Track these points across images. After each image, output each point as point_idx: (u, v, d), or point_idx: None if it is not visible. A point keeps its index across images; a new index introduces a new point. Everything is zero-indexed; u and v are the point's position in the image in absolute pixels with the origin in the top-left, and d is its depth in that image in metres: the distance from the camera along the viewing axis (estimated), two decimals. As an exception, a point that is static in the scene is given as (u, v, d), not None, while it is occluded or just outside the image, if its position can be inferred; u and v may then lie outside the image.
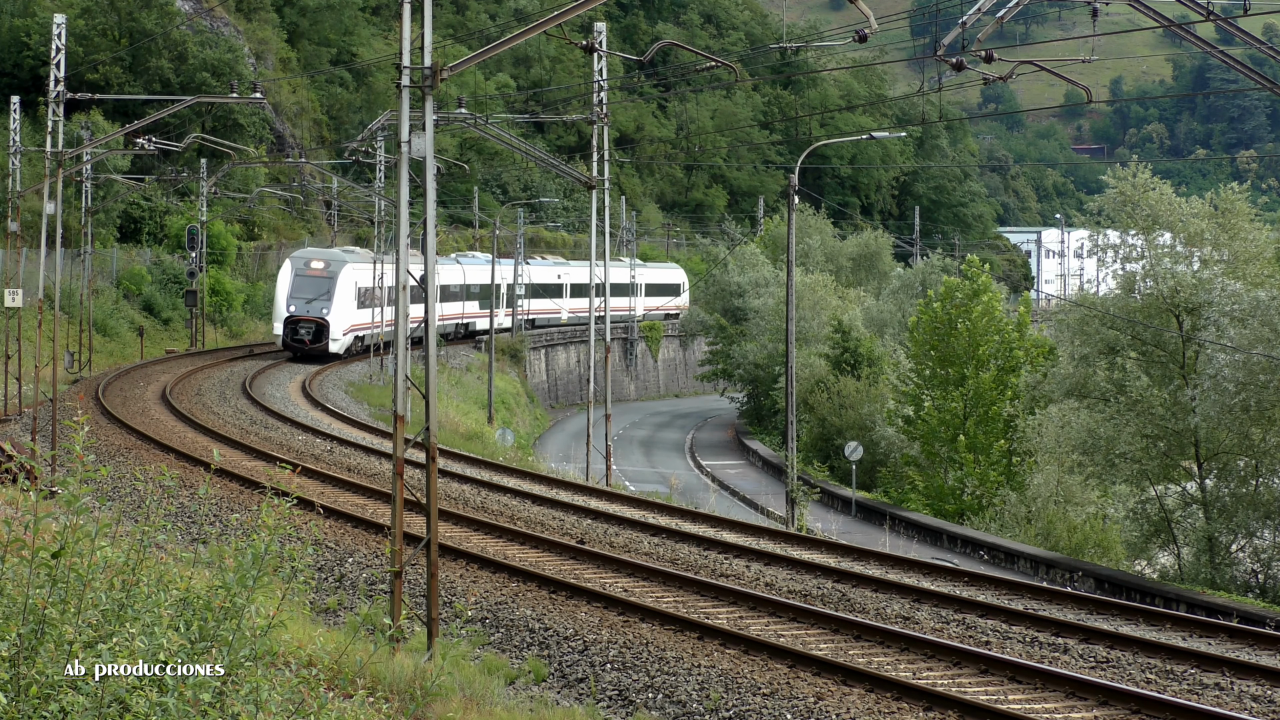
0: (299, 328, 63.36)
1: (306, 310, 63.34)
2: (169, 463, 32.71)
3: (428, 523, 17.87)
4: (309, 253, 66.91)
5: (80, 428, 9.17)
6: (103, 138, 58.58)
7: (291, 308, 63.26)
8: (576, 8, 18.82)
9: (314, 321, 63.51)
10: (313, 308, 63.43)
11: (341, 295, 64.00)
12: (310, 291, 63.56)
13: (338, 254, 66.57)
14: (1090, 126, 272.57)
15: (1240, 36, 25.71)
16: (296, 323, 63.46)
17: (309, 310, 63.42)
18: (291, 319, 63.46)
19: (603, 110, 39.81)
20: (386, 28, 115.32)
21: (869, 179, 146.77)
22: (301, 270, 63.78)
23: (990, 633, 19.30)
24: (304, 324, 63.36)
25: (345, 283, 64.30)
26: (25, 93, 63.54)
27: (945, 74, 31.78)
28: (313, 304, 63.52)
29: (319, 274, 63.78)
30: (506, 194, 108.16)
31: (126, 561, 9.22)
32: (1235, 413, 36.61)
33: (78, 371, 59.79)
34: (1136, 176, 42.79)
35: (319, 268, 63.95)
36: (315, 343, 63.67)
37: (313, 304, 63.52)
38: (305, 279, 63.67)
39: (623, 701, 16.47)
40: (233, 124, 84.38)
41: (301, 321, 63.37)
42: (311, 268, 63.88)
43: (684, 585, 21.81)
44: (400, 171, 18.25)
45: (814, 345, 72.17)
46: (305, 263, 64.38)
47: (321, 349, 63.73)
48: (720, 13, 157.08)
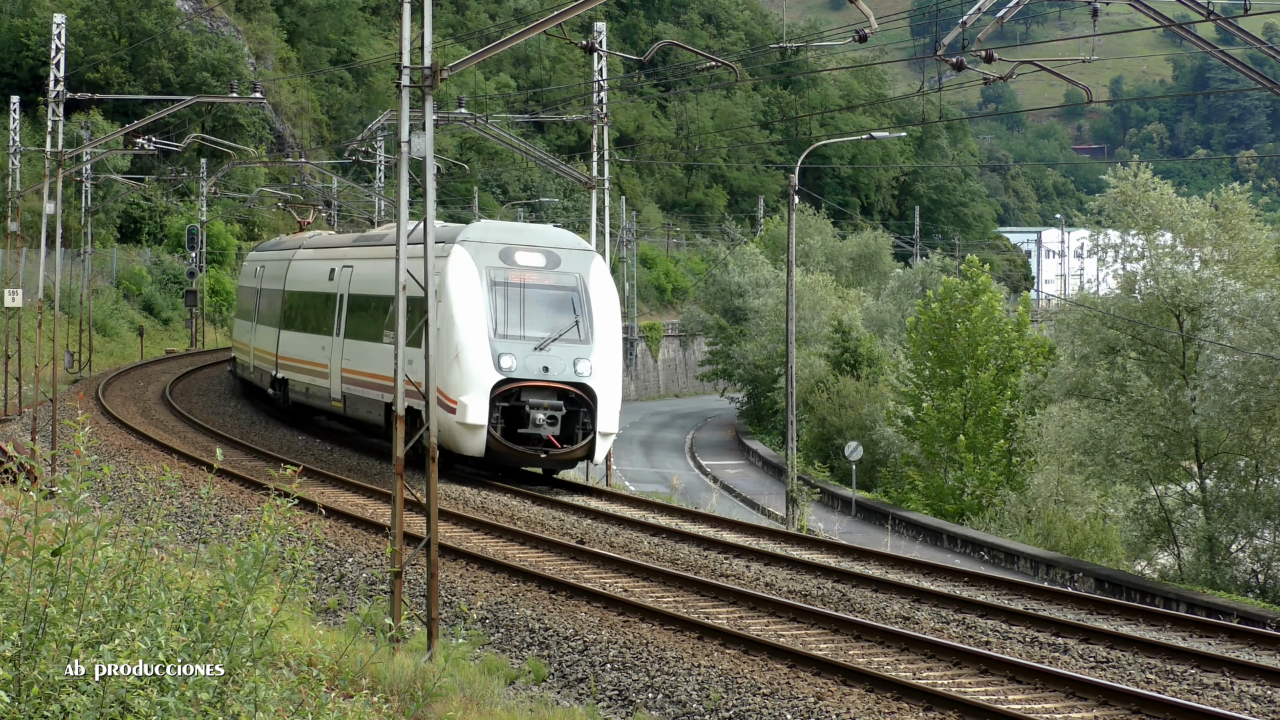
0: (530, 409, 30.56)
1: (545, 368, 30.80)
2: (169, 463, 32.72)
3: (428, 523, 17.88)
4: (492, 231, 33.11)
5: (81, 427, 9.17)
6: (103, 138, 58.58)
7: (505, 361, 30.62)
8: (576, 8, 18.82)
9: (569, 393, 30.86)
10: (560, 363, 30.92)
11: (604, 329, 31.71)
12: (542, 321, 31.44)
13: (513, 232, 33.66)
14: (1090, 126, 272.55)
15: (1240, 36, 25.70)
16: (523, 396, 30.72)
17: (553, 368, 30.86)
18: (511, 390, 30.68)
19: (603, 110, 39.81)
20: (386, 28, 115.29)
21: (869, 179, 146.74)
22: (504, 276, 31.52)
23: (990, 633, 19.30)
24: (543, 399, 30.78)
25: (601, 298, 32.02)
26: (25, 93, 63.53)
27: (945, 74, 31.80)
28: (556, 354, 30.98)
29: (548, 283, 31.81)
30: (506, 194, 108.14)
31: (127, 561, 9.23)
32: (1235, 413, 36.62)
33: (78, 371, 59.78)
34: (1137, 176, 42.80)
35: (538, 265, 31.77)
36: (570, 440, 30.90)
37: (556, 354, 30.98)
38: (519, 292, 31.50)
39: (623, 701, 16.48)
40: (233, 124, 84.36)
41: (535, 391, 30.72)
42: (520, 263, 31.68)
43: (684, 585, 21.82)
44: (400, 171, 18.26)
45: (814, 345, 72.16)
46: (506, 253, 31.75)
47: (581, 453, 31.09)
48: (720, 13, 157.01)
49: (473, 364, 30.52)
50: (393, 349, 34.59)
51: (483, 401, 30.31)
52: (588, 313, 31.50)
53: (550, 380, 30.70)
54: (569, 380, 30.75)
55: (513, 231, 33.24)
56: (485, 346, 30.65)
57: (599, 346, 31.22)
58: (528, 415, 30.47)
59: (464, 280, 31.14)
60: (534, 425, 30.44)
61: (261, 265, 48.33)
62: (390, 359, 31.68)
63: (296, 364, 40.90)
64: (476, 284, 31.15)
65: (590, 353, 31.07)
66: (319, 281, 39.71)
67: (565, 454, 30.77)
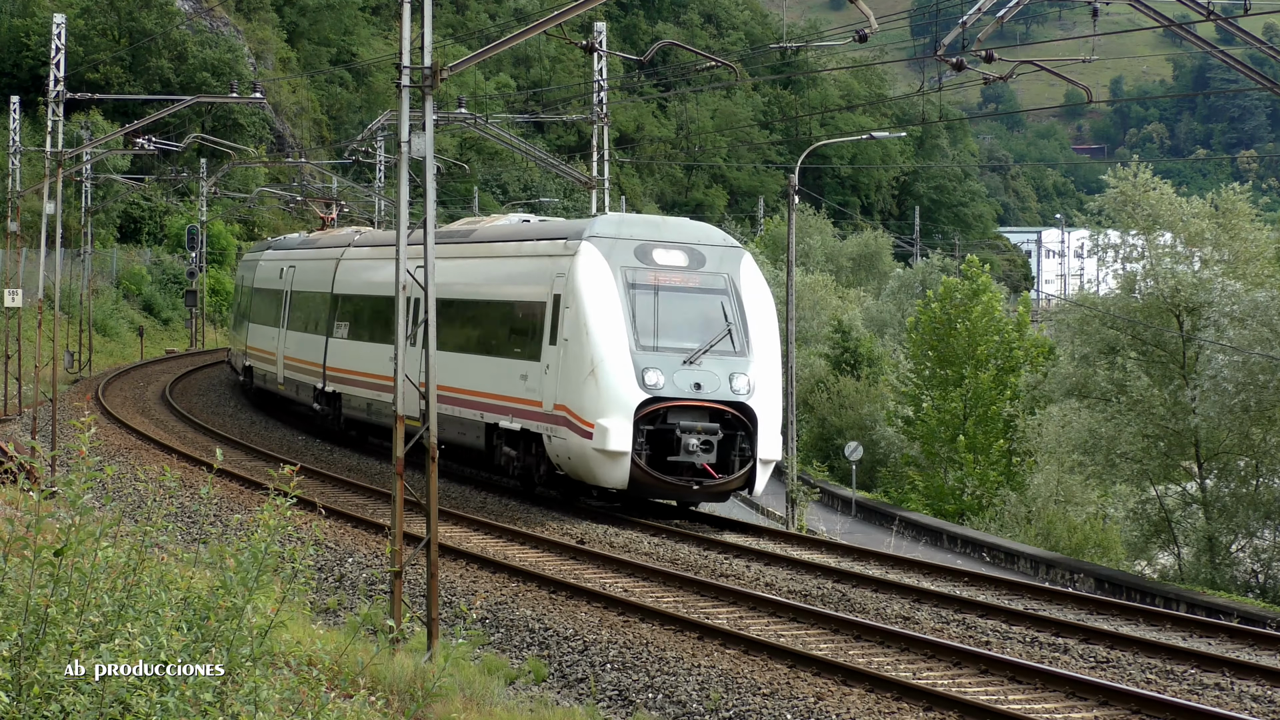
0: (681, 433, 26.08)
1: (697, 385, 26.35)
2: (169, 463, 32.73)
3: (428, 523, 17.89)
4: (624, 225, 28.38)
5: (87, 428, 9.18)
6: (103, 138, 58.60)
7: (651, 377, 26.17)
8: (576, 8, 18.82)
9: (724, 414, 26.42)
10: (713, 379, 26.48)
11: (761, 338, 27.31)
12: (689, 330, 26.96)
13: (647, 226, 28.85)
14: (1090, 126, 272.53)
15: (1240, 36, 25.71)
16: (670, 418, 26.26)
17: (705, 385, 26.41)
18: (657, 411, 26.20)
19: (603, 110, 39.82)
20: (386, 28, 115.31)
21: (869, 179, 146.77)
22: (642, 277, 27.02)
23: (990, 633, 19.30)
24: (696, 421, 26.30)
25: (755, 302, 27.74)
26: (25, 93, 63.52)
27: (945, 74, 31.80)
28: (709, 369, 26.55)
29: (693, 285, 27.31)
30: (506, 194, 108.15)
31: (127, 561, 9.23)
32: (1235, 413, 36.64)
33: (78, 371, 59.79)
34: (1137, 176, 42.81)
35: (680, 265, 27.36)
36: (725, 468, 26.37)
37: (709, 369, 26.55)
38: (661, 296, 26.99)
39: (623, 701, 16.48)
40: (233, 124, 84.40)
41: (686, 412, 26.28)
42: (660, 262, 27.24)
43: (684, 585, 21.82)
44: (400, 171, 18.26)
45: (814, 345, 72.15)
46: (642, 251, 27.26)
47: (739, 483, 26.64)
48: (720, 13, 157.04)
49: (613, 381, 25.87)
50: (499, 362, 29.23)
51: (625, 425, 25.66)
52: (741, 319, 27.05)
53: (703, 399, 26.21)
54: (724, 399, 26.25)
55: (647, 225, 28.69)
56: (626, 360, 26.02)
57: (757, 359, 26.78)
58: (678, 440, 25.92)
59: (597, 282, 26.50)
60: (686, 452, 25.89)
61: (290, 265, 43.93)
62: (494, 373, 29.19)
63: (353, 376, 36.47)
64: (612, 287, 26.46)
65: (747, 366, 26.59)
66: (385, 284, 34.38)
67: (721, 485, 26.22)
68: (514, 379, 28.30)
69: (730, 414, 26.31)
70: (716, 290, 27.25)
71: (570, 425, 26.22)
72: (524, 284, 28.93)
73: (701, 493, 26.44)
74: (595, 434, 25.76)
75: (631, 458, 25.78)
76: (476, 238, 32.38)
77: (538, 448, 27.85)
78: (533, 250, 29.37)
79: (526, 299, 28.54)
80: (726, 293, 27.32)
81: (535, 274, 28.42)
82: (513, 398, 28.37)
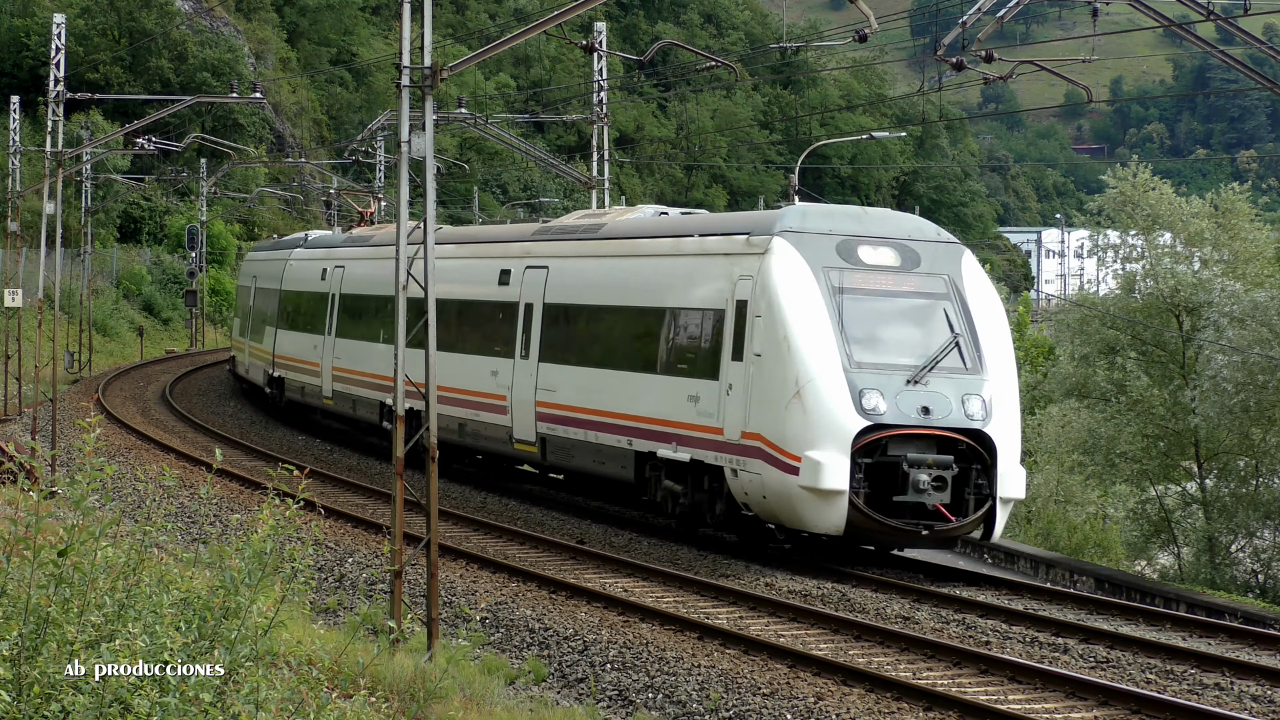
0: (909, 468, 21.82)
1: (925, 409, 22.24)
2: (169, 462, 32.73)
3: (428, 522, 17.89)
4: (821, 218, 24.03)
5: (92, 429, 9.19)
6: (103, 138, 58.62)
7: (870, 400, 21.96)
8: (576, 8, 18.83)
9: (957, 443, 22.26)
10: (943, 402, 22.39)
11: (995, 352, 23.20)
12: (908, 343, 22.87)
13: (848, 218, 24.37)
14: (1090, 126, 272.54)
15: (1240, 36, 25.72)
16: (892, 449, 22.03)
17: (935, 409, 22.31)
18: (877, 442, 21.91)
19: (603, 110, 39.83)
20: (386, 28, 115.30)
21: (869, 179, 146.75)
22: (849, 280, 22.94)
23: (990, 633, 19.31)
24: (926, 452, 22.11)
25: (983, 309, 23.57)
26: (25, 93, 63.51)
27: (945, 74, 31.80)
28: (936, 389, 22.46)
29: (908, 289, 23.29)
30: (506, 194, 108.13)
31: (127, 561, 9.24)
32: (1235, 413, 36.63)
33: (78, 371, 59.80)
34: (1136, 176, 42.80)
35: (891, 265, 23.35)
36: (959, 509, 22.20)
37: (936, 389, 22.46)
38: (873, 303, 22.97)
39: (623, 701, 16.48)
40: (233, 124, 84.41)
41: (912, 442, 22.07)
42: (867, 261, 23.22)
43: (684, 585, 21.82)
44: (400, 171, 18.27)
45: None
46: (845, 248, 23.21)
47: (975, 527, 22.61)
48: (720, 13, 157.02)
49: (825, 404, 21.66)
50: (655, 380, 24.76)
51: (841, 458, 21.46)
52: (969, 329, 22.88)
53: (932, 426, 21.97)
54: (957, 426, 22.10)
55: (847, 218, 24.17)
56: (840, 379, 21.79)
57: (992, 377, 22.57)
58: (905, 476, 21.65)
59: (797, 286, 22.36)
60: (915, 490, 21.59)
61: (338, 266, 39.61)
62: (648, 393, 25.00)
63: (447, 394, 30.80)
64: (815, 291, 22.35)
65: (981, 385, 22.46)
66: (486, 286, 30.85)
67: (955, 530, 22.06)
68: (678, 401, 24.01)
69: (964, 444, 22.09)
70: (936, 295, 23.02)
71: (767, 458, 22.01)
72: (688, 288, 24.44)
73: (930, 538, 22.24)
74: (803, 469, 21.53)
75: (849, 498, 21.47)
76: (607, 233, 28.03)
77: (713, 483, 23.35)
78: (697, 248, 24.78)
79: (693, 306, 24.09)
80: (948, 297, 23.12)
81: (704, 276, 24.16)
82: (677, 423, 24.03)
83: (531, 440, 28.36)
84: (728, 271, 23.51)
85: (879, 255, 23.27)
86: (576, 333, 27.70)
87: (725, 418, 22.92)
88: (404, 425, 18.09)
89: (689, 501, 24.29)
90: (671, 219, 27.76)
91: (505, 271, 30.29)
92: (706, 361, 23.63)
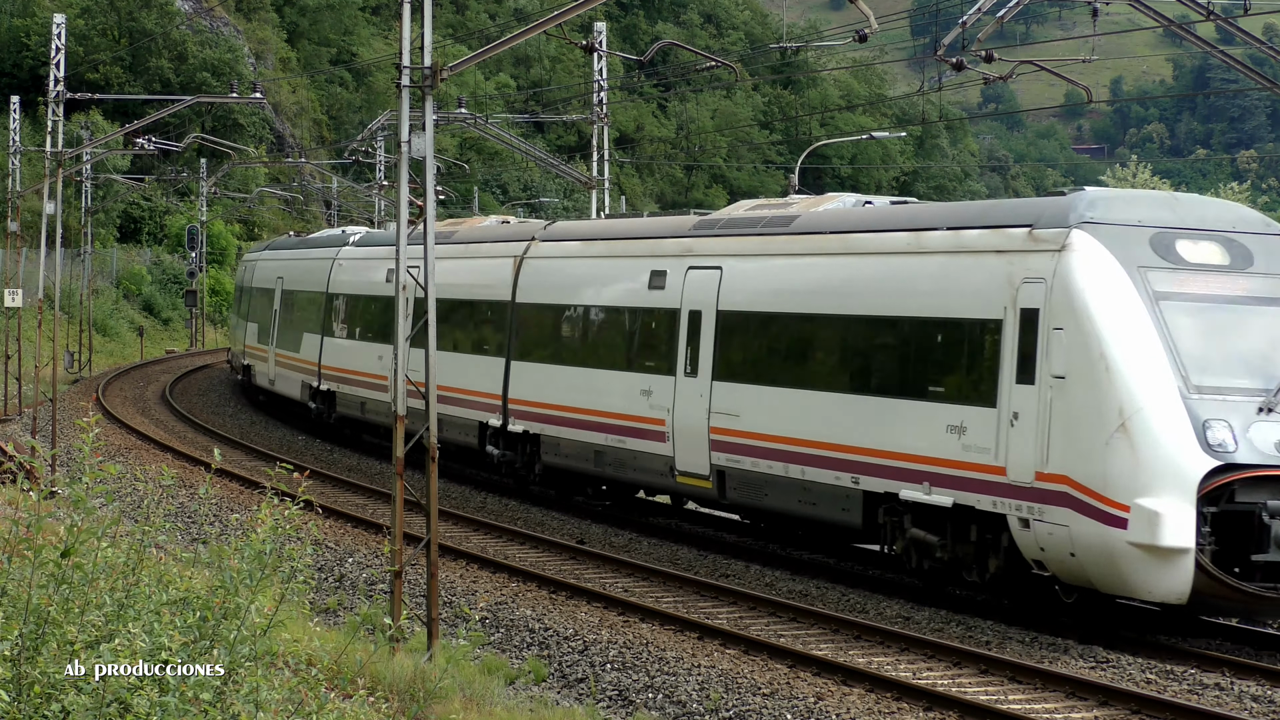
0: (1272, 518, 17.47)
1: None
2: (169, 462, 32.74)
3: (428, 522, 17.89)
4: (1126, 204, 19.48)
5: (90, 429, 9.19)
6: (103, 138, 58.64)
7: (1216, 433, 17.68)
8: (576, 8, 18.83)
9: None
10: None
11: None
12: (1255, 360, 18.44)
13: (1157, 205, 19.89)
14: (1090, 126, 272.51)
15: (1240, 36, 25.73)
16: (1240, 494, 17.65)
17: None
18: (1227, 484, 17.57)
19: (603, 110, 39.84)
20: (386, 28, 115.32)
21: (869, 179, 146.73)
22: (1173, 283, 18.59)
23: (990, 632, 19.30)
24: None
25: None
26: (25, 93, 63.51)
27: (945, 74, 31.81)
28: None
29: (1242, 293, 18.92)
30: (506, 194, 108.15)
31: (126, 561, 9.24)
32: None
33: (78, 371, 59.81)
34: (1136, 176, 42.81)
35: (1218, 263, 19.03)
36: None
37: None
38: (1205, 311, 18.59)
39: (623, 701, 16.48)
40: (233, 124, 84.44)
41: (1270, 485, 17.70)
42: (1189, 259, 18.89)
43: (684, 585, 21.82)
44: (400, 171, 18.27)
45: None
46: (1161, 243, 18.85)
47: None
48: (720, 13, 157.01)
49: (1159, 439, 17.65)
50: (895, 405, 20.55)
51: (1184, 507, 17.33)
52: None
53: None
54: None
55: (1157, 204, 19.87)
56: (1177, 408, 17.75)
57: None
58: (1266, 529, 17.45)
59: (1110, 291, 18.31)
60: (1278, 548, 17.45)
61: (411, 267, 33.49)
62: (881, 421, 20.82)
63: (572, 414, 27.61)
64: (1134, 297, 18.28)
65: None
66: (629, 291, 26.50)
67: None
68: (932, 431, 19.96)
69: None
70: (1278, 300, 18.92)
71: (1077, 505, 17.93)
72: (941, 292, 20.39)
73: None
74: (1133, 520, 17.40)
75: (1194, 557, 17.29)
76: (803, 227, 23.35)
77: (986, 534, 19.46)
78: (950, 244, 20.55)
79: (951, 315, 20.00)
80: None
81: (966, 278, 20.09)
82: (931, 458, 19.87)
83: (703, 474, 23.90)
84: (1004, 273, 19.27)
85: (1202, 252, 18.97)
86: (770, 347, 23.16)
87: (1009, 454, 18.73)
88: (402, 425, 18.07)
89: (948, 555, 19.91)
90: (897, 209, 23.16)
91: (660, 274, 25.55)
92: (975, 384, 19.55)
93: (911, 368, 20.68)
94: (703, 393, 23.92)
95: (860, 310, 21.65)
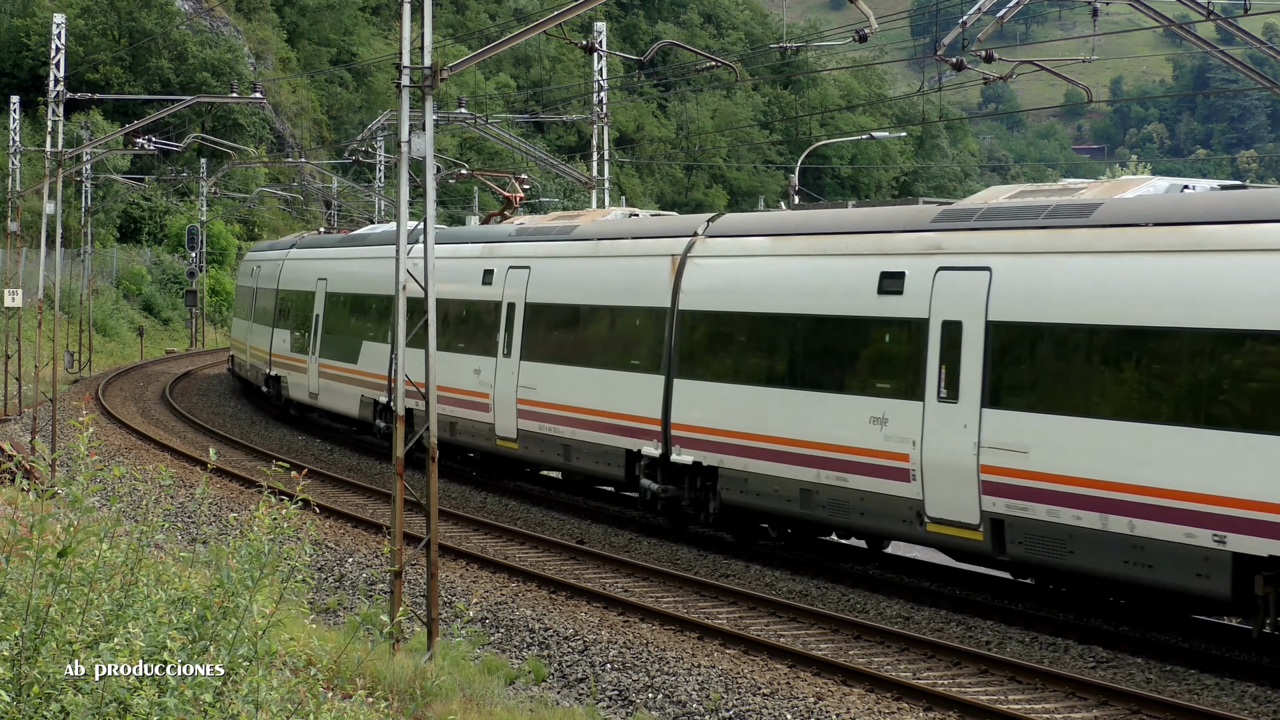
0: None
1: None
2: (169, 462, 32.74)
3: (427, 522, 17.89)
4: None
5: (85, 428, 9.19)
6: (103, 138, 58.64)
7: None
8: (576, 8, 18.83)
9: None
10: None
11: None
12: None
13: None
14: (1090, 126, 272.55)
15: (1240, 36, 25.74)
16: None
17: None
18: None
19: (603, 110, 39.83)
20: (386, 28, 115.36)
21: (869, 179, 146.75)
22: None
23: (989, 632, 19.30)
24: None
25: None
26: (25, 93, 63.54)
27: (945, 74, 31.81)
28: None
29: None
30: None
31: (125, 561, 9.24)
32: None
33: (78, 371, 59.81)
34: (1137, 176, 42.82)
35: None
36: None
37: None
38: None
39: (623, 701, 16.48)
40: (233, 124, 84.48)
41: None
42: None
43: (684, 585, 21.82)
44: (400, 171, 18.27)
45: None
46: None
47: None
48: (720, 13, 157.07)
49: None
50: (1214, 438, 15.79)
51: None
52: None
53: None
54: None
55: None
56: None
57: None
58: None
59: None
60: None
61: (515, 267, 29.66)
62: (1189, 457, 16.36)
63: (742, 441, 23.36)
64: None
65: None
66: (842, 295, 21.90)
67: None
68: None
69: None
70: None
71: None
72: None
73: None
74: None
75: None
76: (1109, 218, 18.38)
77: None
78: None
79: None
80: None
81: None
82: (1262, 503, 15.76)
83: (970, 522, 19.27)
84: None
85: None
86: (1075, 368, 18.17)
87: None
88: (403, 424, 18.07)
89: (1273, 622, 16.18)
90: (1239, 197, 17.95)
91: (894, 275, 20.85)
92: None
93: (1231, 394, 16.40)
94: (967, 422, 19.24)
95: (1209, 323, 16.53)
